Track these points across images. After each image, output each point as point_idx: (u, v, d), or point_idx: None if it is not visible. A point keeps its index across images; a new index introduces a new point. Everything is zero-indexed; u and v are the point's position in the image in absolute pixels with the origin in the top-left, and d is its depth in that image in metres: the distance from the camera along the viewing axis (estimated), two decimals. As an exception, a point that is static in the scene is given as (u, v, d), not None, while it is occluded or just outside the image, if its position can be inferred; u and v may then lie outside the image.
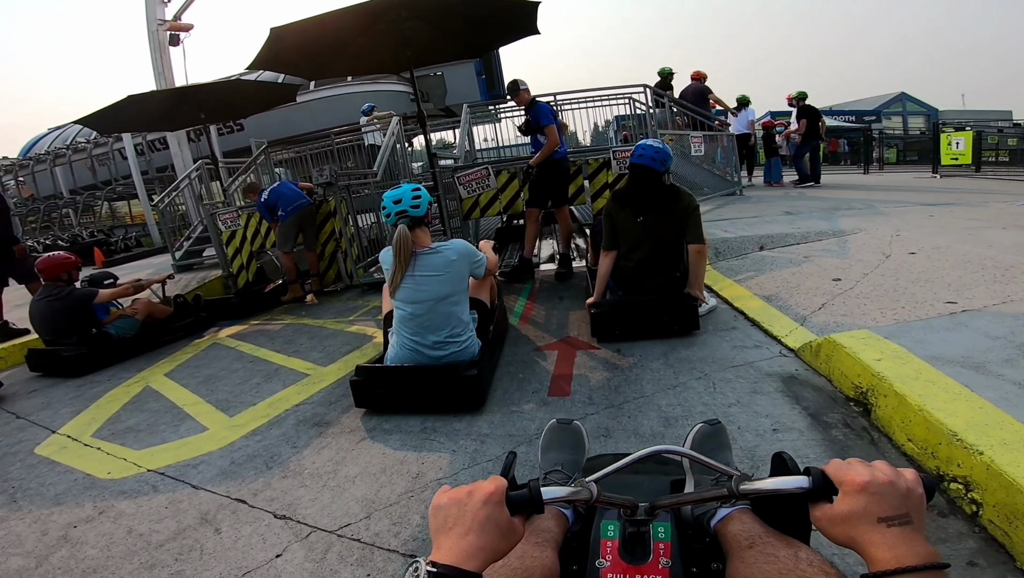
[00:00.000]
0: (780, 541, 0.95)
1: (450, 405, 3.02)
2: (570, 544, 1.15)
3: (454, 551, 0.76)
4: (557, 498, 0.87)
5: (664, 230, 3.67)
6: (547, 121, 5.29)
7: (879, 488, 0.73)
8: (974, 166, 12.50)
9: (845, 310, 3.53)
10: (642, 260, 3.72)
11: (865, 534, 0.73)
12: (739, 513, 1.07)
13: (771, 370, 3.02)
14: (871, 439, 2.33)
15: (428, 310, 3.01)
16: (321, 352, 4.40)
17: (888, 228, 5.41)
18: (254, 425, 3.25)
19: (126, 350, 5.15)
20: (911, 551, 0.69)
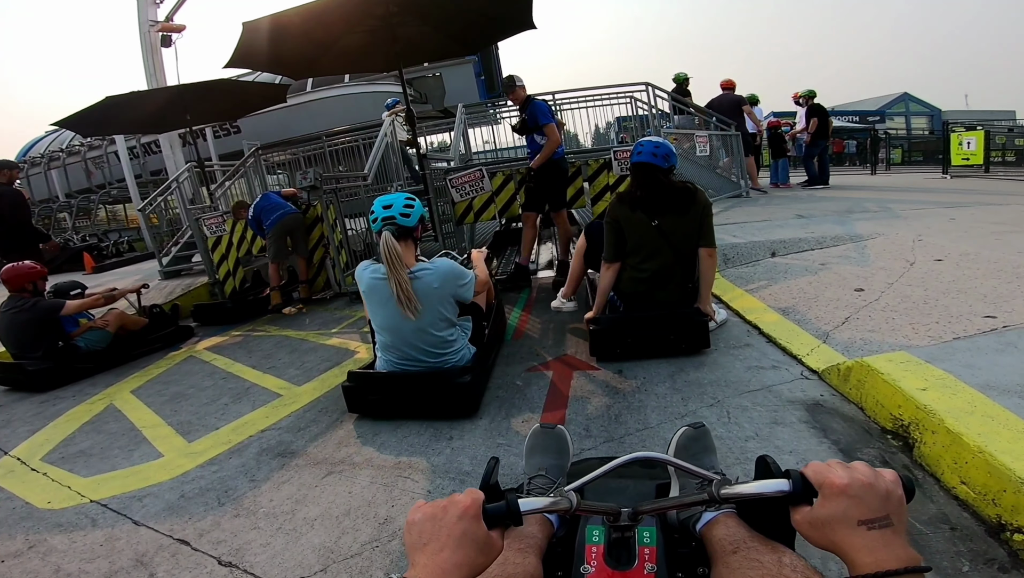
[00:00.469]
0: (764, 546, 0.94)
1: (443, 411, 2.89)
2: (555, 549, 1.15)
3: (429, 568, 0.75)
4: (535, 510, 0.86)
5: (683, 234, 3.26)
6: (546, 120, 4.94)
7: (859, 490, 0.73)
8: (983, 167, 12.18)
9: (872, 325, 3.18)
10: (659, 270, 3.29)
11: (846, 538, 0.72)
12: (724, 517, 1.06)
13: (793, 396, 2.68)
14: (914, 480, 2.00)
15: (406, 339, 2.85)
16: (298, 369, 4.07)
17: (908, 232, 5.06)
18: (213, 453, 2.95)
19: (96, 364, 4.87)
20: (891, 555, 0.69)
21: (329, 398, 3.43)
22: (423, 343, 2.87)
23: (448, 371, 2.89)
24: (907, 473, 0.92)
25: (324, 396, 3.48)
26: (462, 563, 0.76)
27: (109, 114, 6.99)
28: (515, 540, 1.06)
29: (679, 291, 3.34)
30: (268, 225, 6.00)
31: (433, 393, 2.89)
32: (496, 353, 3.62)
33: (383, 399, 3.00)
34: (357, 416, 3.11)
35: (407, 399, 2.95)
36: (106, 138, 14.96)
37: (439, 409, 2.91)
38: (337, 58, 6.15)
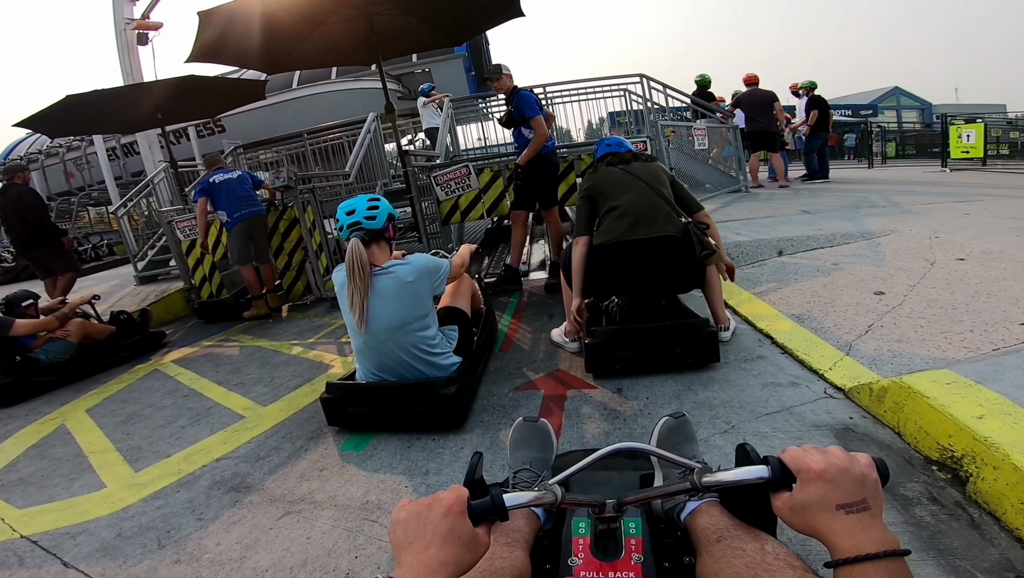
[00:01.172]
0: (747, 534, 0.95)
1: (427, 424, 2.69)
2: (542, 542, 1.15)
3: (415, 567, 0.74)
4: (521, 504, 0.88)
5: (653, 176, 3.09)
6: (532, 112, 4.56)
7: (835, 475, 0.75)
8: (982, 160, 12.00)
9: (898, 334, 2.86)
10: (635, 201, 2.99)
11: (824, 522, 0.74)
12: (707, 506, 1.08)
13: (818, 419, 2.34)
14: (970, 520, 1.70)
15: (383, 341, 2.61)
16: (267, 386, 3.72)
17: (922, 229, 4.74)
18: (160, 485, 2.66)
19: (59, 377, 4.60)
20: (870, 538, 0.70)
21: (295, 422, 3.09)
22: (400, 346, 2.62)
23: (432, 382, 2.65)
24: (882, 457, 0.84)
25: (290, 419, 3.14)
26: (448, 561, 0.75)
27: (74, 114, 6.62)
28: (502, 534, 1.05)
29: (671, 224, 2.94)
30: (234, 217, 5.48)
31: (416, 405, 2.66)
32: (485, 363, 3.35)
33: (363, 412, 2.77)
34: (325, 446, 2.77)
35: (388, 411, 2.72)
36: (85, 139, 14.51)
37: (422, 422, 2.69)
38: (312, 51, 5.78)
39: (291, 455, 2.74)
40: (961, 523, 1.69)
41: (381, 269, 2.59)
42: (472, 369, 2.95)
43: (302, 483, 2.47)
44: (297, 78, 14.30)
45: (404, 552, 0.77)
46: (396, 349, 2.62)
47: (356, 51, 5.93)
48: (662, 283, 3.06)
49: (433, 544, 0.76)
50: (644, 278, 2.99)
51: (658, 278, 3.00)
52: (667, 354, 2.85)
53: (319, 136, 9.93)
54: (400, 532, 0.79)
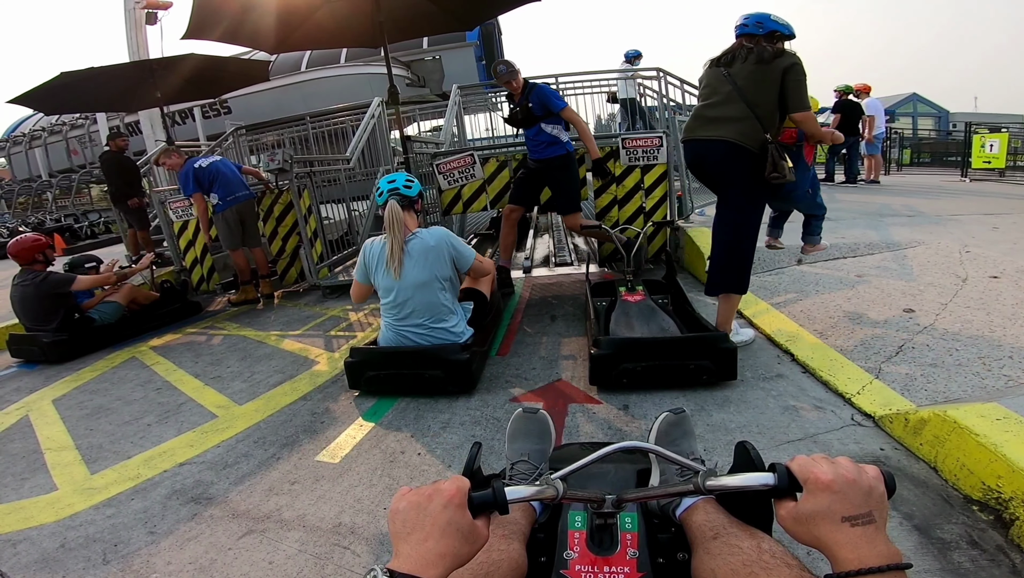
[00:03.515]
0: (744, 532, 0.95)
1: (441, 388, 2.87)
2: (537, 535, 1.15)
3: (413, 558, 0.74)
4: (522, 498, 0.87)
5: (753, 81, 2.75)
6: (562, 103, 4.17)
7: (843, 486, 0.73)
8: (1002, 170, 11.69)
9: (932, 357, 2.60)
10: (713, 104, 2.87)
11: (829, 534, 0.73)
12: (703, 503, 1.08)
13: (846, 449, 2.10)
14: (1012, 566, 1.53)
15: (408, 297, 2.87)
16: (245, 381, 3.48)
17: (951, 242, 4.46)
18: (114, 490, 2.44)
19: (108, 337, 4.83)
20: (874, 551, 0.70)
21: (270, 425, 2.85)
22: (423, 305, 2.88)
23: (448, 347, 2.86)
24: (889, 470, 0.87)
25: (265, 421, 2.89)
26: (446, 553, 0.75)
27: (70, 91, 6.36)
28: (499, 527, 1.04)
29: (735, 131, 2.76)
30: (223, 203, 5.30)
31: (432, 368, 2.84)
32: (491, 341, 3.50)
33: (383, 375, 2.94)
34: (299, 455, 2.53)
35: (407, 374, 2.90)
36: (89, 117, 14.30)
37: (437, 385, 2.86)
38: (316, 31, 5.49)
39: (261, 464, 2.50)
40: (1003, 569, 1.52)
41: (411, 235, 2.89)
42: (481, 341, 3.15)
43: (270, 497, 2.24)
44: (306, 61, 14.07)
45: (402, 543, 0.76)
46: (419, 307, 2.87)
47: (362, 33, 5.64)
48: (719, 187, 2.99)
49: (432, 536, 0.75)
50: (706, 179, 3.07)
51: (712, 181, 3.02)
52: (680, 369, 2.59)
53: (324, 119, 9.65)
54: (399, 522, 0.78)
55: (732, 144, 2.76)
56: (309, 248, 5.51)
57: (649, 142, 4.82)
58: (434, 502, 0.78)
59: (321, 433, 2.68)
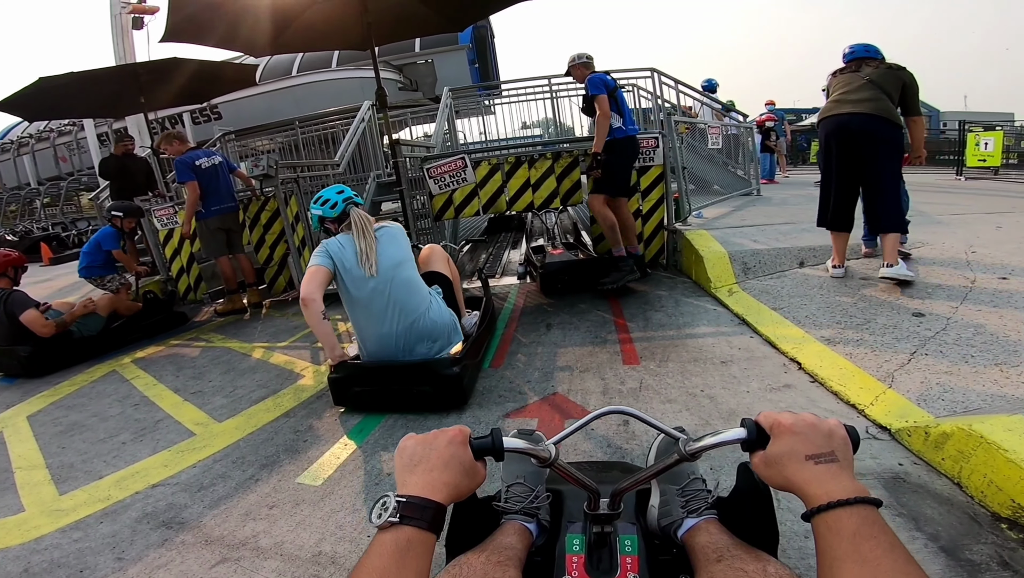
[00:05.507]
0: (748, 554, 0.92)
1: (430, 404, 2.74)
2: (534, 558, 1.10)
3: (419, 485, 0.79)
4: (517, 449, 0.89)
5: (882, 77, 3.57)
6: (596, 90, 4.08)
7: (804, 428, 0.79)
8: (996, 169, 11.69)
9: (947, 365, 2.46)
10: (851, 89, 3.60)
11: (796, 472, 0.77)
12: (706, 523, 1.06)
13: (862, 465, 1.96)
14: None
15: (390, 280, 2.79)
16: (227, 396, 3.32)
17: (956, 242, 4.34)
18: (83, 512, 2.31)
19: (89, 349, 4.69)
20: (839, 487, 0.72)
21: (250, 444, 2.70)
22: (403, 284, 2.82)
23: (437, 362, 2.75)
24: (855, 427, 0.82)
25: (245, 440, 2.74)
26: (449, 482, 0.81)
27: (51, 97, 6.22)
28: (494, 553, 1.00)
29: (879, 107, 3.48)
30: (213, 209, 5.23)
31: (421, 384, 2.71)
32: (485, 351, 3.36)
33: (367, 391, 2.82)
34: (279, 477, 2.38)
35: (395, 390, 2.77)
36: (76, 123, 14.11)
37: (426, 401, 2.73)
38: (302, 34, 5.36)
39: (239, 486, 2.35)
40: (1034, 590, 1.39)
41: (376, 228, 2.93)
42: (473, 353, 3.00)
43: (246, 523, 2.09)
44: (297, 65, 13.93)
45: (409, 474, 0.81)
46: (400, 288, 2.80)
47: (351, 35, 5.51)
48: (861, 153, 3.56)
49: (436, 467, 0.81)
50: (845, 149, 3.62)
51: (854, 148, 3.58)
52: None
53: (315, 124, 9.50)
54: (407, 456, 0.84)
55: (876, 116, 3.48)
56: (297, 256, 5.36)
57: (645, 143, 4.70)
58: (439, 439, 0.85)
59: (303, 453, 2.53)
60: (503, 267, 6.31)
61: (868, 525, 0.69)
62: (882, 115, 3.45)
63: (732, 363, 2.83)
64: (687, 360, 2.92)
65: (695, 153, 7.75)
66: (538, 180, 4.80)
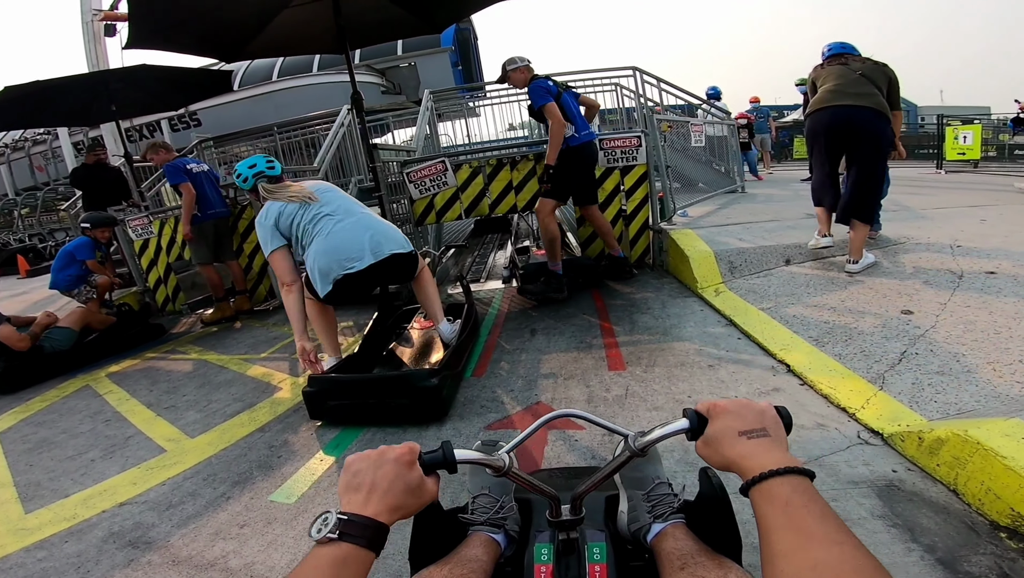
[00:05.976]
0: (712, 561, 0.93)
1: (408, 417, 2.66)
2: (504, 569, 1.10)
3: (361, 504, 0.78)
4: (469, 460, 0.88)
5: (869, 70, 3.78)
6: (541, 100, 3.94)
7: (737, 408, 0.83)
8: (975, 162, 11.87)
9: (938, 364, 2.41)
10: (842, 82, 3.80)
11: (731, 448, 0.79)
12: (673, 528, 1.07)
13: (855, 472, 1.90)
14: None
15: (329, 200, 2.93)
16: (201, 411, 3.21)
17: (940, 236, 4.32)
18: (48, 531, 2.25)
19: (62, 364, 4.56)
20: (771, 459, 0.74)
21: (222, 460, 2.60)
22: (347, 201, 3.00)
23: (414, 374, 2.71)
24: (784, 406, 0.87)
25: (217, 456, 2.64)
26: (392, 504, 0.79)
27: (17, 106, 6.02)
28: (457, 566, 1.00)
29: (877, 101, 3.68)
30: (208, 213, 5.16)
31: (398, 397, 2.62)
32: (467, 360, 3.27)
33: (344, 405, 2.71)
34: (251, 494, 2.28)
35: (371, 404, 2.67)
36: (51, 132, 13.86)
37: (404, 414, 2.65)
38: (276, 37, 5.22)
39: (209, 504, 2.26)
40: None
41: None
42: (454, 363, 2.90)
43: (216, 542, 2.01)
44: (277, 70, 13.79)
45: (353, 493, 0.80)
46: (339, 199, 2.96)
47: (325, 38, 5.39)
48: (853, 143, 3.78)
49: (380, 487, 0.79)
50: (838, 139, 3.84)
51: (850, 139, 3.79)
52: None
53: (295, 129, 9.36)
54: (350, 475, 0.82)
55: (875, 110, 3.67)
56: (276, 263, 5.24)
57: (627, 142, 4.64)
58: (386, 457, 0.83)
59: (277, 469, 2.44)
60: (488, 271, 6.23)
61: (799, 494, 0.70)
62: (881, 110, 3.67)
63: (720, 367, 2.76)
64: (674, 364, 2.85)
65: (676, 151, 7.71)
66: (521, 182, 4.73)
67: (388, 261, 2.86)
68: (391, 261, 2.88)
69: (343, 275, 2.77)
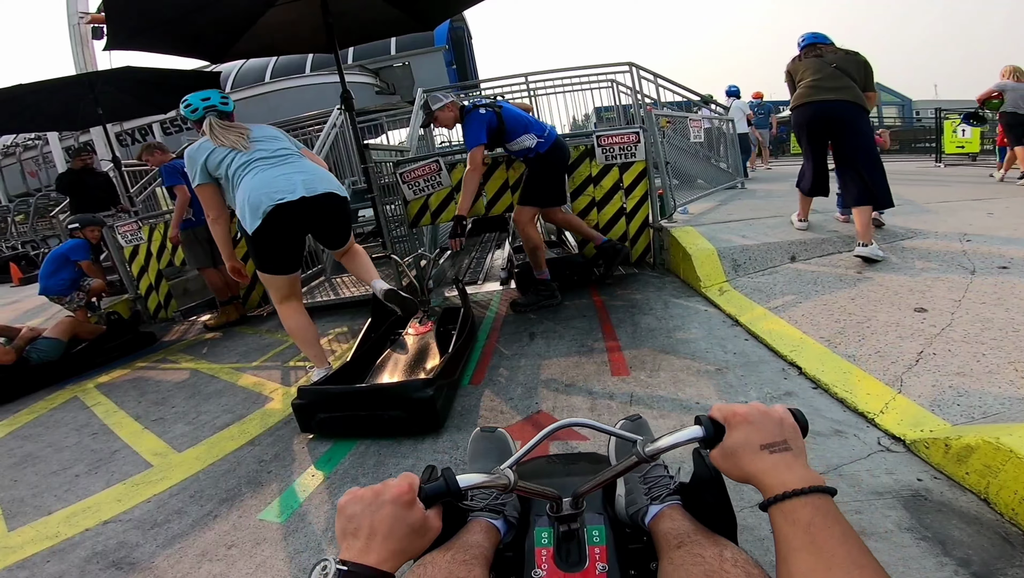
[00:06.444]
0: (708, 540, 0.92)
1: (402, 429, 2.53)
2: (504, 554, 1.10)
3: (362, 552, 0.73)
4: (474, 485, 0.85)
5: (844, 61, 3.98)
6: (474, 142, 3.73)
7: (757, 417, 0.78)
8: (973, 155, 11.75)
9: (958, 364, 2.31)
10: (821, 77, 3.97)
11: (752, 462, 0.76)
12: (669, 510, 1.06)
13: (878, 482, 1.79)
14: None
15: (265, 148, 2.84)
16: (189, 423, 3.10)
17: (948, 230, 4.22)
18: (30, 550, 2.16)
19: (51, 375, 4.48)
20: (795, 476, 0.72)
21: (210, 476, 2.48)
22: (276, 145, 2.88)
23: (408, 385, 2.55)
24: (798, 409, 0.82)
25: (205, 472, 2.52)
26: (395, 549, 0.75)
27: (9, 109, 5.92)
28: (459, 552, 0.97)
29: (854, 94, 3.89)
30: (197, 219, 5.04)
31: (391, 408, 2.50)
32: (463, 367, 3.14)
33: (336, 417, 2.60)
34: (239, 513, 2.17)
35: (363, 416, 2.55)
36: (41, 137, 13.71)
37: (398, 426, 2.52)
38: (263, 37, 5.10)
39: (195, 523, 2.15)
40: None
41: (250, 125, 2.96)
42: (449, 371, 2.80)
43: (201, 564, 1.90)
44: (270, 71, 13.67)
45: (352, 538, 0.75)
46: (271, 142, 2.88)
47: (315, 37, 5.27)
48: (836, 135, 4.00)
49: (380, 533, 0.74)
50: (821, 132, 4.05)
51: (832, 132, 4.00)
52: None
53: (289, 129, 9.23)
54: (345, 519, 0.77)
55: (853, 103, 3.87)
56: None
57: (625, 139, 4.52)
58: (381, 499, 0.77)
59: (267, 485, 2.32)
60: (485, 272, 6.11)
61: (822, 515, 0.68)
62: (857, 102, 3.89)
63: (728, 370, 2.65)
64: (679, 368, 2.74)
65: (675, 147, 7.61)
66: (517, 181, 4.61)
67: (323, 202, 2.79)
68: (325, 203, 2.81)
69: (273, 206, 2.66)
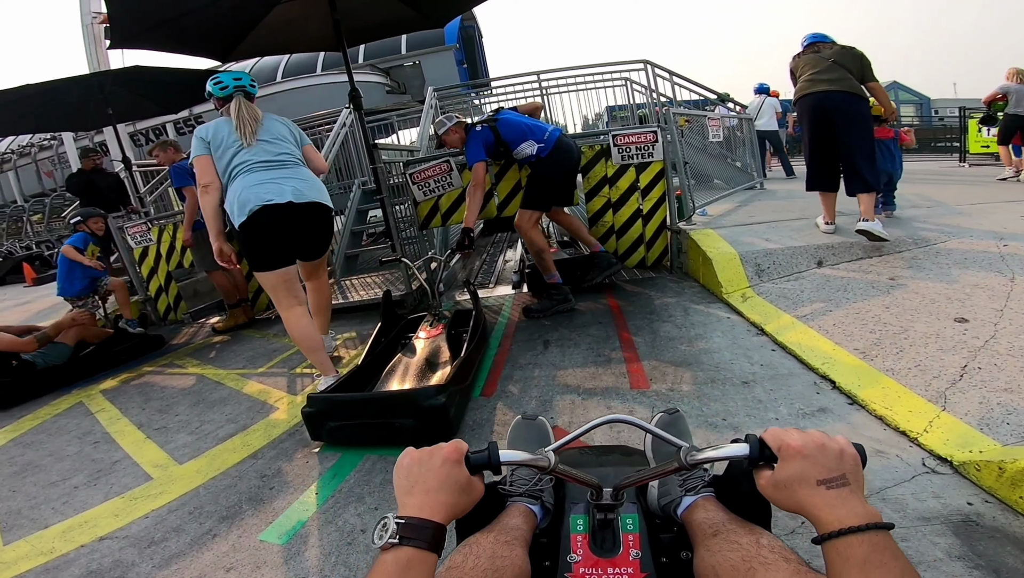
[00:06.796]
0: (743, 528, 0.94)
1: (413, 438, 2.36)
2: (540, 540, 1.13)
3: (417, 506, 0.80)
4: (515, 461, 0.90)
5: (841, 55, 4.12)
6: (474, 158, 3.79)
7: (813, 451, 0.75)
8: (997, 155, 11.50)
9: (1005, 379, 2.15)
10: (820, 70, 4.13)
11: (807, 497, 0.74)
12: (703, 501, 1.07)
13: (925, 507, 1.64)
14: None
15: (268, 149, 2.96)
16: (192, 433, 2.99)
17: (983, 233, 4.03)
18: (24, 566, 2.07)
19: (57, 380, 4.39)
20: (851, 512, 0.70)
21: (210, 491, 2.37)
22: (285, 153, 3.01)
23: (419, 393, 2.46)
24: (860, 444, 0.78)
25: (206, 486, 2.42)
26: (446, 502, 0.82)
27: (9, 112, 5.85)
28: (501, 533, 1.03)
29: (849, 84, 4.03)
30: None
31: (401, 416, 2.42)
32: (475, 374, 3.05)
33: (344, 426, 2.52)
34: (239, 532, 2.06)
35: (373, 425, 2.48)
36: (56, 137, 13.78)
37: (408, 436, 2.40)
38: (271, 35, 5.00)
39: (193, 542, 2.04)
40: None
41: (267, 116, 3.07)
42: (461, 377, 2.72)
43: (201, 591, 1.78)
44: (282, 70, 13.64)
45: (407, 495, 0.83)
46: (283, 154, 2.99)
47: (323, 35, 5.17)
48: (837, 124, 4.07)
49: (433, 488, 0.82)
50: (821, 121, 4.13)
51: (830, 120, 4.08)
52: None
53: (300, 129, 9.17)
54: (403, 476, 0.85)
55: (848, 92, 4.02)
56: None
57: (642, 138, 4.38)
58: (434, 458, 0.85)
59: (268, 503, 2.21)
60: (497, 275, 5.99)
61: (879, 552, 0.67)
62: (853, 91, 4.03)
63: (755, 383, 2.50)
64: (703, 381, 2.59)
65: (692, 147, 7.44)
66: (529, 181, 4.48)
67: (308, 209, 2.96)
68: (311, 211, 2.98)
69: (261, 206, 2.81)
